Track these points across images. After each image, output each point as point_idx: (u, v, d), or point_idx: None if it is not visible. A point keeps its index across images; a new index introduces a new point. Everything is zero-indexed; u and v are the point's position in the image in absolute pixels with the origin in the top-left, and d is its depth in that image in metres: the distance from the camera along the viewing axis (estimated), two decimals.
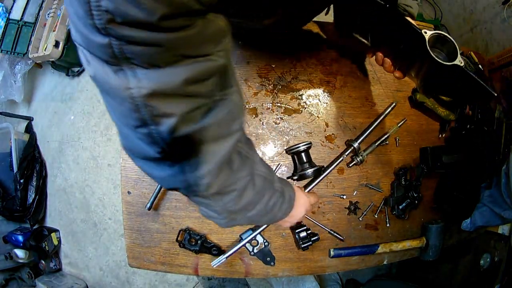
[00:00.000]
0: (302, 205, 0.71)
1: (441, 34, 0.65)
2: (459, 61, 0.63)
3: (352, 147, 0.92)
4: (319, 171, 0.89)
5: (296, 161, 0.91)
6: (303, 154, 0.89)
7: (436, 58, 0.63)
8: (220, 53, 0.36)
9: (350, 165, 0.94)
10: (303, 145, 0.87)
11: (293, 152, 0.89)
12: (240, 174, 0.48)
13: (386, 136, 0.96)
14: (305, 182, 0.91)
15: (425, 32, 0.63)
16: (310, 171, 0.87)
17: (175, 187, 0.44)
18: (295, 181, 0.92)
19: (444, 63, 0.63)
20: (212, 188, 0.44)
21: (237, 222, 0.56)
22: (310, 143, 0.89)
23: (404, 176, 0.95)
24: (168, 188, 0.46)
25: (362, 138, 0.93)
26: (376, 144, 0.95)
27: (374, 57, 0.80)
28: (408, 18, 0.66)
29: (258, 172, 0.54)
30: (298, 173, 0.90)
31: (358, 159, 0.92)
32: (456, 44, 0.64)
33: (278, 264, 0.91)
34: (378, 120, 0.95)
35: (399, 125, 0.98)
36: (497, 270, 1.24)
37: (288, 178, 0.92)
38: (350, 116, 0.98)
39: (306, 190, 0.82)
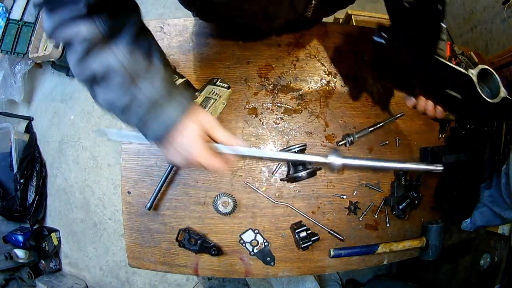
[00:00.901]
0: (183, 149, 0.53)
1: (487, 69, 0.66)
2: (503, 92, 0.64)
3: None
4: (312, 173, 0.87)
5: (290, 162, 0.90)
6: None
7: (487, 98, 0.64)
8: None
9: (340, 143, 0.94)
10: (296, 147, 0.86)
11: None
12: (73, 30, 0.48)
13: (380, 125, 0.96)
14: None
15: (472, 73, 0.64)
16: (303, 173, 0.84)
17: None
18: (288, 182, 0.91)
19: (493, 101, 0.64)
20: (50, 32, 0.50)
21: (96, 96, 0.53)
22: (305, 145, 0.89)
23: (404, 176, 0.95)
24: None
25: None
26: (370, 129, 0.95)
27: (412, 102, 0.79)
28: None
29: (117, 45, 0.50)
30: (290, 175, 0.88)
31: (349, 139, 0.93)
32: (497, 77, 0.66)
33: (278, 264, 0.91)
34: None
35: (396, 116, 0.98)
36: (497, 270, 1.24)
37: (281, 180, 0.92)
38: (350, 116, 0.98)
39: (220, 150, 0.56)
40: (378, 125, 0.96)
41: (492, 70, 0.66)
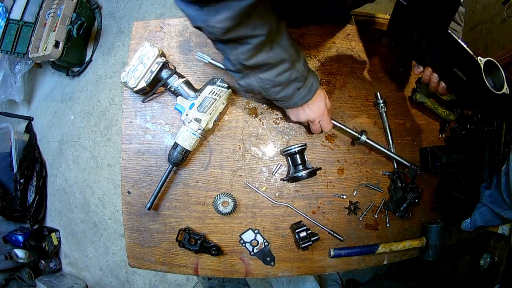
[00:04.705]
0: (321, 104, 0.77)
1: (494, 62, 0.68)
2: (506, 89, 0.67)
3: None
4: (312, 173, 0.87)
5: (290, 162, 0.90)
6: (297, 155, 0.88)
7: (491, 88, 0.66)
8: None
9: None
10: (297, 147, 0.86)
11: (287, 153, 0.89)
12: (256, 31, 0.57)
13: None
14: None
15: (480, 60, 0.66)
16: (304, 173, 0.85)
17: (199, 26, 0.56)
18: (288, 182, 0.91)
19: (496, 92, 0.66)
20: (228, 34, 0.55)
21: (250, 81, 0.67)
22: (305, 144, 0.89)
23: (399, 179, 0.94)
24: (194, 25, 0.57)
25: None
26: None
27: (420, 70, 0.83)
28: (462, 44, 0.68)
29: (281, 43, 0.63)
30: (290, 175, 0.89)
31: None
32: (503, 73, 0.68)
33: (278, 264, 0.91)
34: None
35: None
36: (497, 270, 1.24)
37: (281, 180, 0.92)
38: (350, 116, 0.98)
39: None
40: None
41: (499, 65, 0.67)
